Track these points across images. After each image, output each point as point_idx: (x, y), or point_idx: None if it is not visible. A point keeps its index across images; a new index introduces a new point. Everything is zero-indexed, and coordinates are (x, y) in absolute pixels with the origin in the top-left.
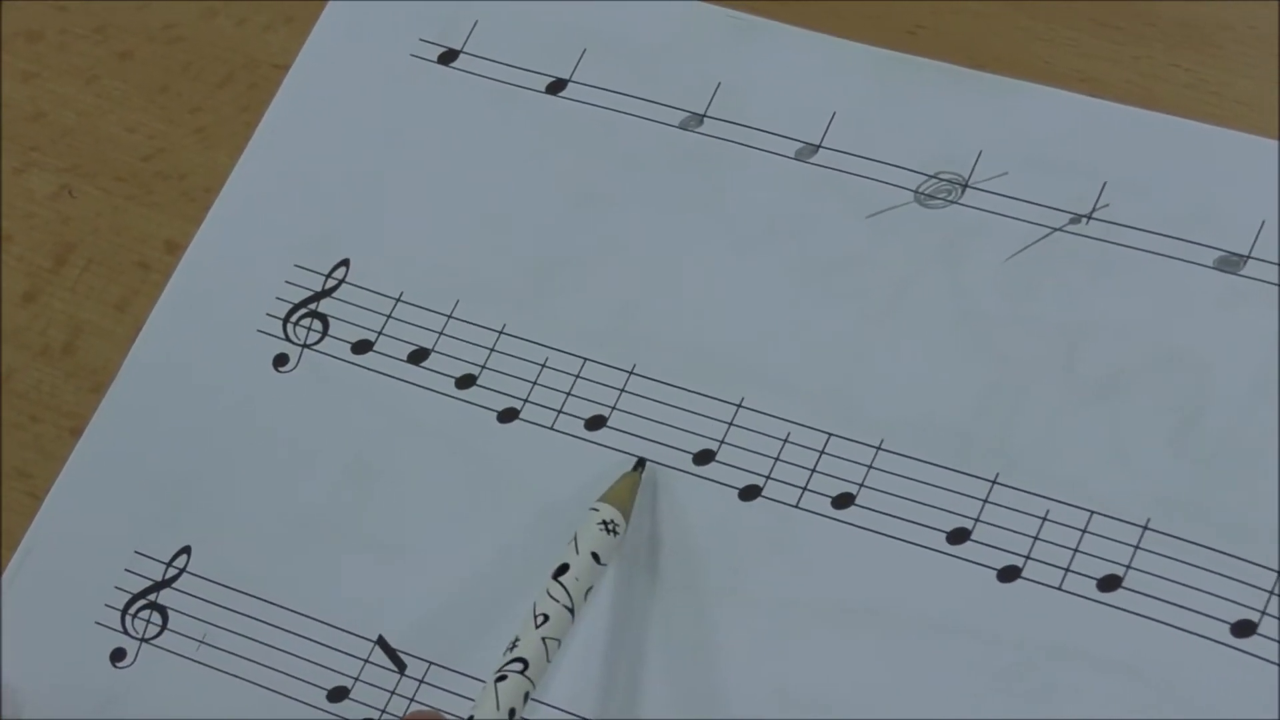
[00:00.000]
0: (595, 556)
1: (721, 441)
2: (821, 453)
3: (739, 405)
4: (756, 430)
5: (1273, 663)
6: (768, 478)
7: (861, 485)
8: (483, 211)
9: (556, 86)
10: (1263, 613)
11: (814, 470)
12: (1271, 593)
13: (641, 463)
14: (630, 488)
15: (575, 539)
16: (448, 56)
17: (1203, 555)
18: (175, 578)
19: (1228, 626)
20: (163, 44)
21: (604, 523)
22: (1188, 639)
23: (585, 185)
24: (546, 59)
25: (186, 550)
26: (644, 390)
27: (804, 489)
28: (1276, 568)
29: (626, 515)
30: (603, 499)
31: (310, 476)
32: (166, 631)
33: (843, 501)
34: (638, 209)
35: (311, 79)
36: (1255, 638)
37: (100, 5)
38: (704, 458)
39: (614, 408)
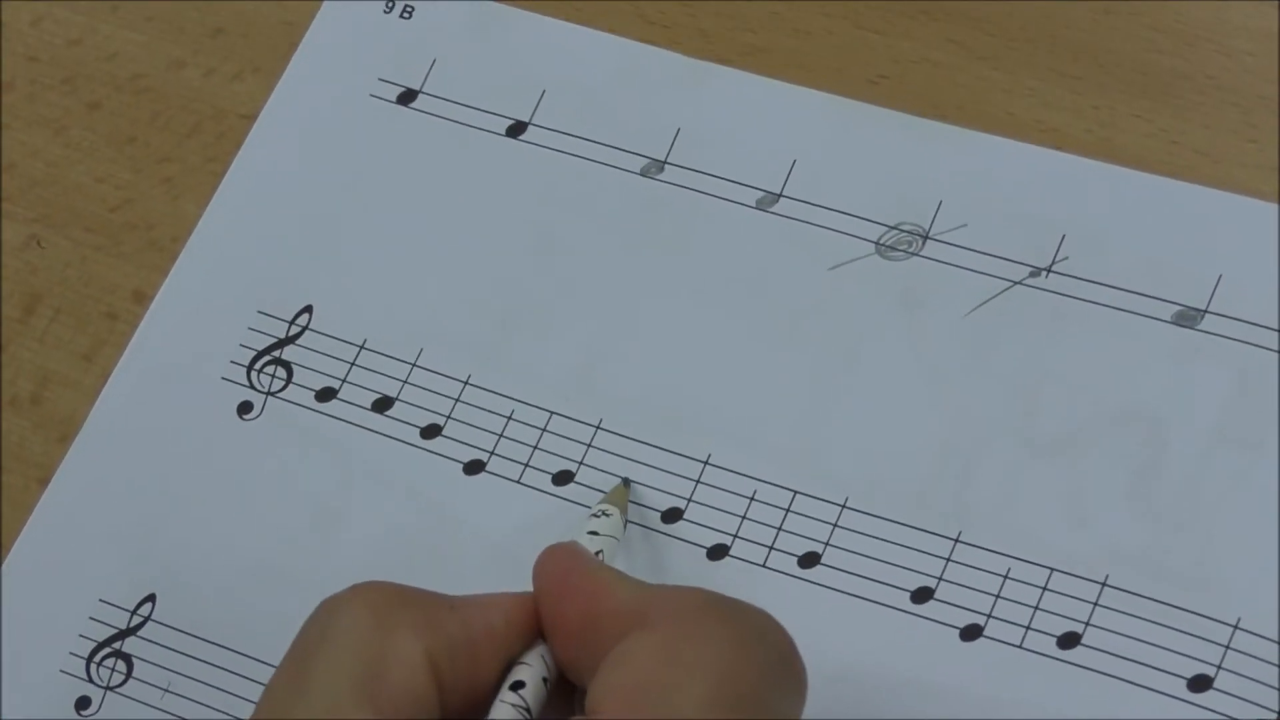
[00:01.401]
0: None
1: (689, 500)
2: (788, 511)
3: (706, 462)
4: (723, 488)
5: (1228, 718)
6: (735, 536)
7: (827, 544)
8: (445, 257)
9: (517, 129)
10: (1218, 667)
11: (780, 529)
12: (1227, 647)
13: (626, 482)
14: (622, 495)
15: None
16: (406, 96)
17: (1159, 611)
18: (140, 625)
19: (1184, 682)
20: (131, 94)
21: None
22: (1145, 695)
23: (547, 232)
24: (506, 100)
25: (151, 598)
26: (611, 446)
27: (771, 548)
28: (1233, 622)
29: (623, 513)
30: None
31: (274, 524)
32: (131, 680)
33: (809, 561)
34: (600, 257)
35: (276, 127)
36: (1211, 692)
37: (69, 56)
38: (672, 516)
39: (581, 463)
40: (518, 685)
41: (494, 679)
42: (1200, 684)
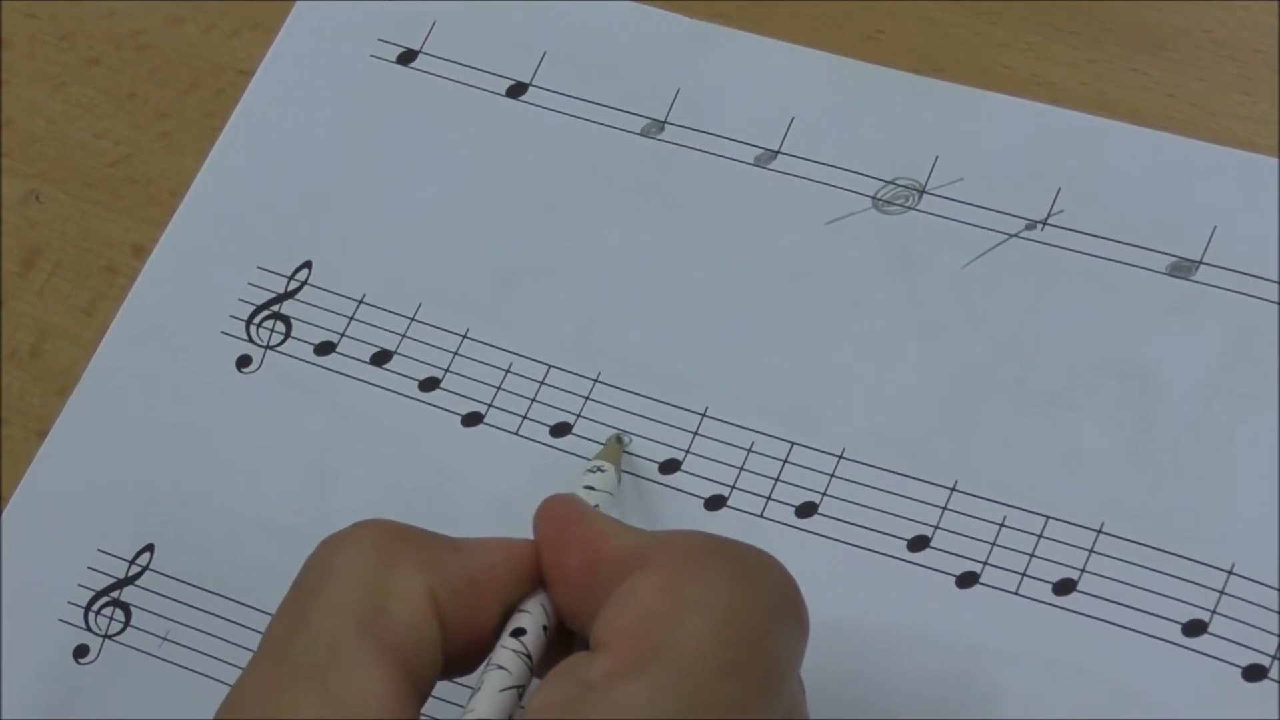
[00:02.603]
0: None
1: (687, 451)
2: (785, 462)
3: (704, 414)
4: (721, 440)
5: (1222, 661)
6: (733, 487)
7: (824, 494)
8: (444, 214)
9: (517, 90)
10: (1213, 612)
11: (778, 479)
12: (1221, 592)
13: (620, 437)
14: (615, 451)
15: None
16: (406, 56)
17: (1155, 557)
18: (138, 575)
19: (1179, 627)
20: (130, 50)
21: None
22: (1140, 639)
23: (547, 191)
24: (506, 61)
25: (149, 548)
26: (609, 398)
27: (768, 498)
28: (1227, 568)
29: (617, 470)
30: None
31: (273, 476)
32: (130, 628)
33: (806, 511)
34: (600, 216)
35: (275, 83)
36: (1205, 637)
37: (68, 12)
38: (670, 467)
39: (579, 415)
40: (519, 632)
41: (494, 621)
42: (1195, 629)
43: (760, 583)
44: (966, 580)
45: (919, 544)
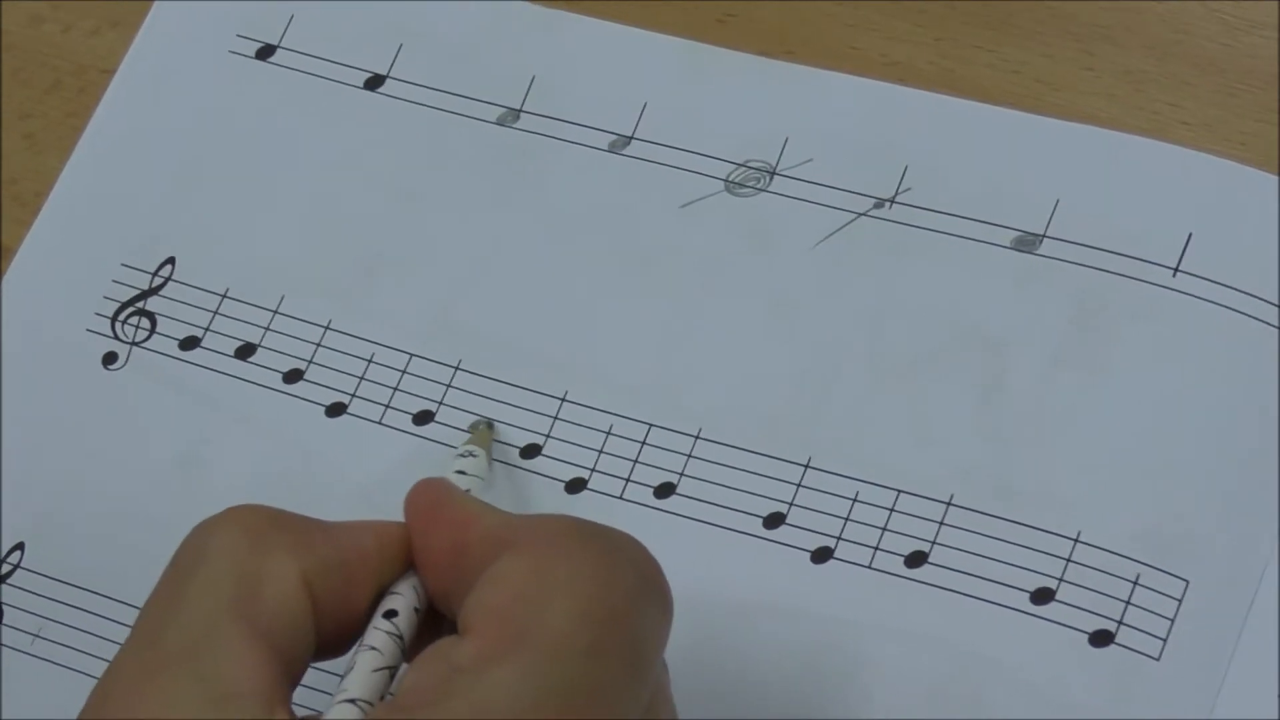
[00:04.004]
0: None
1: (547, 435)
2: (643, 443)
3: (563, 399)
4: (581, 423)
5: (1070, 628)
6: (593, 470)
7: (682, 474)
8: (305, 207)
9: (375, 82)
10: (1060, 579)
11: (636, 461)
12: (1068, 560)
13: (490, 423)
14: (485, 436)
15: None
16: (265, 52)
17: (1003, 527)
18: (10, 574)
19: (1028, 595)
20: None
21: (468, 452)
22: (991, 609)
23: (405, 181)
24: (363, 54)
25: (20, 547)
26: (470, 385)
27: (627, 480)
28: (1073, 536)
29: (488, 455)
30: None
31: (142, 470)
32: (2, 627)
33: (664, 491)
34: (457, 205)
35: (136, 81)
36: (1053, 604)
37: None
38: (531, 451)
39: (440, 402)
40: (390, 614)
41: (366, 604)
42: (1043, 596)
43: (624, 565)
44: (821, 555)
45: (774, 521)
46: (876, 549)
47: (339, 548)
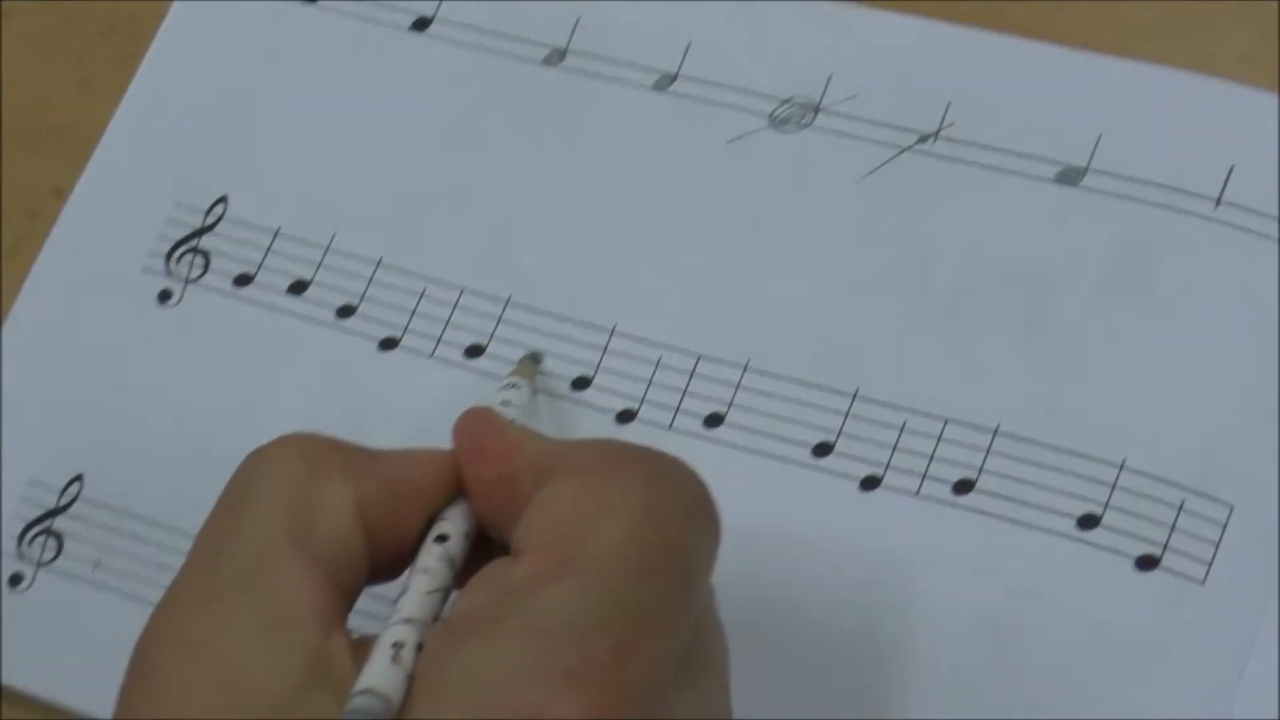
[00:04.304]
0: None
1: (597, 367)
2: (692, 375)
3: (612, 332)
4: (630, 355)
5: (1115, 553)
6: (642, 401)
7: (730, 405)
8: (355, 147)
9: (421, 24)
10: (1106, 505)
11: (685, 392)
12: (1113, 486)
13: (535, 355)
14: (530, 368)
15: None
16: None
17: (1049, 455)
18: (69, 505)
19: (1074, 521)
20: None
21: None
22: (1037, 535)
23: (454, 121)
24: None
25: (79, 479)
26: (520, 319)
27: (677, 411)
28: (1118, 463)
29: (532, 384)
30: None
31: (197, 406)
32: (62, 556)
33: (713, 421)
34: (506, 143)
35: (187, 23)
36: (1099, 530)
37: None
38: (581, 384)
39: (491, 336)
40: (441, 538)
41: (417, 530)
42: (1088, 522)
43: (674, 487)
44: (869, 484)
45: (823, 450)
46: (924, 477)
47: (391, 474)
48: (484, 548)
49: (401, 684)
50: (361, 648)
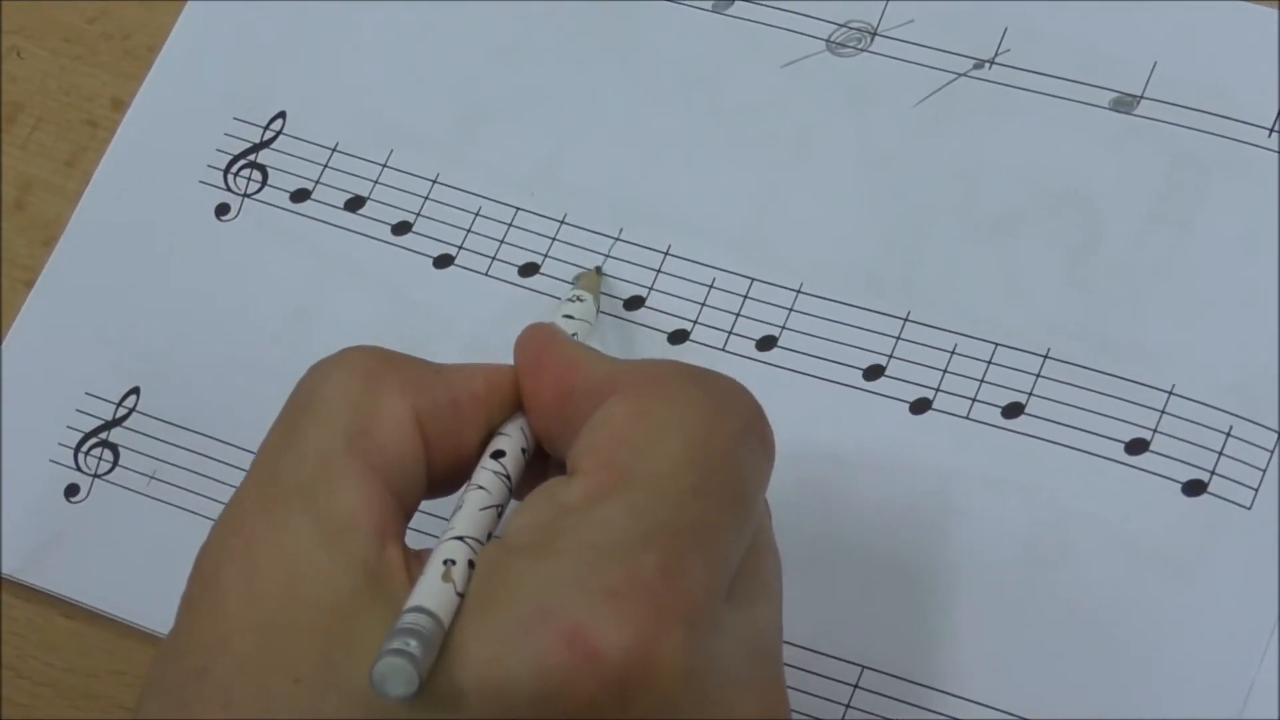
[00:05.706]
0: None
1: (650, 288)
2: (745, 297)
3: (666, 253)
4: (683, 276)
5: (1163, 477)
6: (695, 322)
7: (783, 328)
8: (412, 65)
9: None
10: (1154, 430)
11: (738, 314)
12: (1162, 411)
13: (599, 269)
14: (594, 281)
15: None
16: None
17: (1099, 380)
18: (125, 416)
19: (1122, 445)
20: None
21: (575, 297)
22: (1086, 458)
23: (509, 38)
24: None
25: (135, 391)
26: (574, 239)
27: (730, 333)
28: (1168, 388)
29: (596, 299)
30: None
31: (253, 318)
32: (118, 468)
33: (766, 344)
34: (562, 63)
35: None
36: (1147, 454)
37: None
38: (634, 303)
39: (546, 255)
40: (498, 454)
41: (475, 444)
42: (1137, 447)
43: (729, 407)
44: (920, 406)
45: (874, 373)
46: (974, 400)
47: (450, 389)
48: (542, 464)
49: (452, 601)
50: (418, 560)
